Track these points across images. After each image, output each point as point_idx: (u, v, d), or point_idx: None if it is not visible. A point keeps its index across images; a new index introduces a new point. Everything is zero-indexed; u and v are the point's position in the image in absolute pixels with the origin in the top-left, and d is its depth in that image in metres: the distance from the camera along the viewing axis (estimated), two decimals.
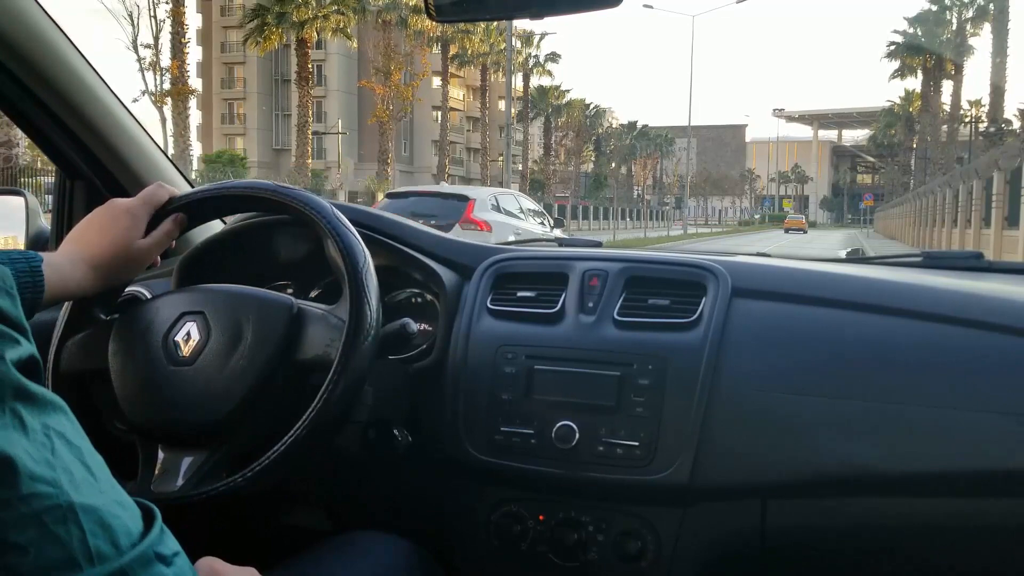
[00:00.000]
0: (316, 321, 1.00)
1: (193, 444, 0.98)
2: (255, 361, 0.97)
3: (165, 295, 1.08)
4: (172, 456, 0.99)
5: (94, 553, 0.40)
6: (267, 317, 0.99)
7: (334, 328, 0.98)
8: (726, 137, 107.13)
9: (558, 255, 1.29)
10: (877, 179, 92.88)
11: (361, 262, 0.99)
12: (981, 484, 1.01)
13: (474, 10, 1.19)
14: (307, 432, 0.92)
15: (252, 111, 54.75)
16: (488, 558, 1.22)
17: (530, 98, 52.43)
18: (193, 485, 0.95)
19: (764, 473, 1.06)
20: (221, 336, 0.99)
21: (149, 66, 29.26)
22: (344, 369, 0.93)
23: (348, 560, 1.00)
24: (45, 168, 18.51)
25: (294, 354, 0.99)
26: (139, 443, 1.01)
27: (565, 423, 1.12)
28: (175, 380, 0.98)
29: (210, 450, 0.98)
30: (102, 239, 0.97)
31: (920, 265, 1.42)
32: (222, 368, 0.97)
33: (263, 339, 0.98)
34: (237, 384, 0.96)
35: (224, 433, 0.98)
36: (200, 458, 0.97)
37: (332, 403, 0.93)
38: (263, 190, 1.06)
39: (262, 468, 0.92)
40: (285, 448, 0.92)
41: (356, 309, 0.96)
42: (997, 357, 1.01)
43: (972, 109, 50.00)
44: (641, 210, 52.66)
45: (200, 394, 0.97)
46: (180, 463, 0.98)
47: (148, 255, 1.01)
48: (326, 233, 1.01)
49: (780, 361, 1.08)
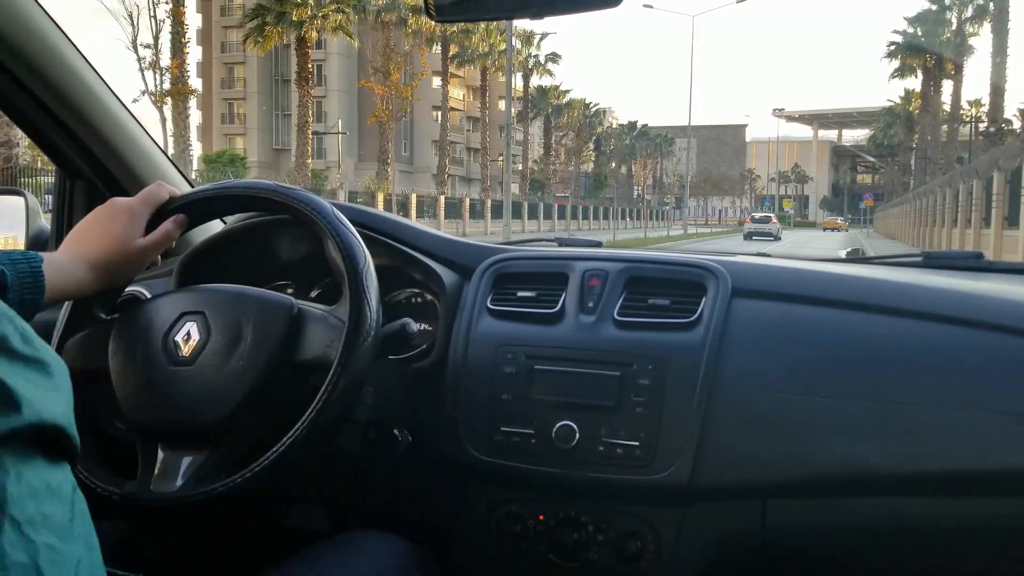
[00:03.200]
0: (316, 321, 1.00)
1: (193, 444, 0.98)
2: (255, 361, 0.97)
3: (165, 295, 1.07)
4: (172, 456, 0.99)
5: None
6: (267, 317, 0.99)
7: (334, 328, 0.98)
8: (726, 137, 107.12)
9: (558, 255, 1.29)
10: (877, 179, 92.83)
11: (361, 262, 0.99)
12: (981, 484, 1.01)
13: (474, 10, 1.19)
14: (307, 432, 0.92)
15: (252, 111, 54.73)
16: (488, 558, 1.22)
17: (530, 98, 52.46)
18: (193, 485, 0.95)
19: (764, 473, 1.06)
20: (221, 336, 0.99)
21: (149, 66, 29.25)
22: (344, 369, 0.93)
23: (348, 560, 1.00)
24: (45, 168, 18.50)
25: (294, 354, 0.99)
26: (139, 443, 1.01)
27: (565, 423, 1.12)
28: (175, 380, 0.98)
29: (210, 450, 0.98)
30: (102, 238, 0.97)
31: (920, 265, 1.42)
32: (222, 368, 0.97)
33: (263, 339, 0.98)
34: (237, 384, 0.96)
35: (224, 433, 0.98)
36: (200, 458, 0.97)
37: (332, 403, 0.93)
38: (263, 190, 1.06)
39: (261, 468, 0.92)
40: (284, 448, 0.92)
41: (356, 309, 0.96)
42: (997, 357, 1.01)
43: (972, 109, 50.04)
44: (641, 210, 52.73)
45: (200, 394, 0.97)
46: (180, 463, 0.98)
47: (148, 254, 1.01)
48: (326, 233, 1.00)
49: (780, 361, 1.08)
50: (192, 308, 1.02)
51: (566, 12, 1.09)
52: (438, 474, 1.24)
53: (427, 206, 33.04)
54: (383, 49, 35.54)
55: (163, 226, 1.01)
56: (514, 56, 43.13)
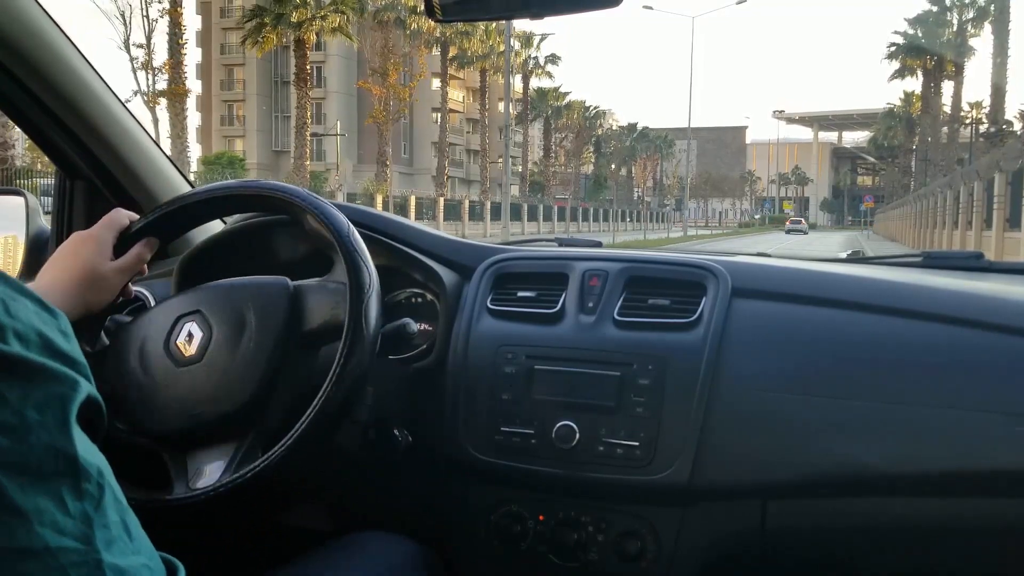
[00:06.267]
0: (315, 291, 1.01)
1: (222, 437, 0.98)
2: (264, 343, 0.98)
3: (156, 307, 1.08)
4: (205, 454, 0.98)
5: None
6: (266, 299, 1.00)
7: (335, 292, 0.99)
8: (726, 139, 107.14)
9: (558, 255, 1.29)
10: (877, 181, 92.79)
11: (344, 227, 1.00)
12: (981, 484, 1.01)
13: (474, 10, 1.19)
14: (338, 383, 0.92)
15: (252, 113, 54.67)
16: (488, 558, 1.22)
17: (530, 100, 52.44)
18: (230, 476, 0.94)
19: (764, 473, 1.06)
20: (224, 328, 0.99)
21: (142, 66, 29.01)
22: (356, 327, 0.94)
23: (354, 561, 1.01)
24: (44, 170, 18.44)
25: (302, 326, 1.00)
26: (166, 452, 1.00)
27: (565, 423, 1.11)
28: (187, 380, 0.98)
29: (239, 438, 0.97)
30: (73, 263, 1.00)
31: (920, 265, 1.42)
32: (233, 356, 0.98)
33: (267, 320, 0.99)
34: (252, 368, 0.97)
35: (250, 417, 0.98)
36: (230, 448, 0.97)
37: (358, 354, 0.93)
38: (229, 189, 1.08)
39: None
40: (300, 433, 0.91)
41: (353, 268, 0.96)
42: (997, 357, 1.01)
43: (973, 111, 50.00)
44: (641, 212, 52.71)
45: (217, 385, 0.97)
46: (215, 459, 0.97)
47: (119, 276, 1.02)
48: (303, 210, 1.02)
49: (780, 361, 1.08)
50: (187, 310, 1.02)
51: (566, 12, 1.10)
52: (438, 474, 1.24)
53: (426, 208, 33.01)
54: (380, 50, 35.47)
55: (133, 249, 1.03)
56: (513, 58, 43.09)
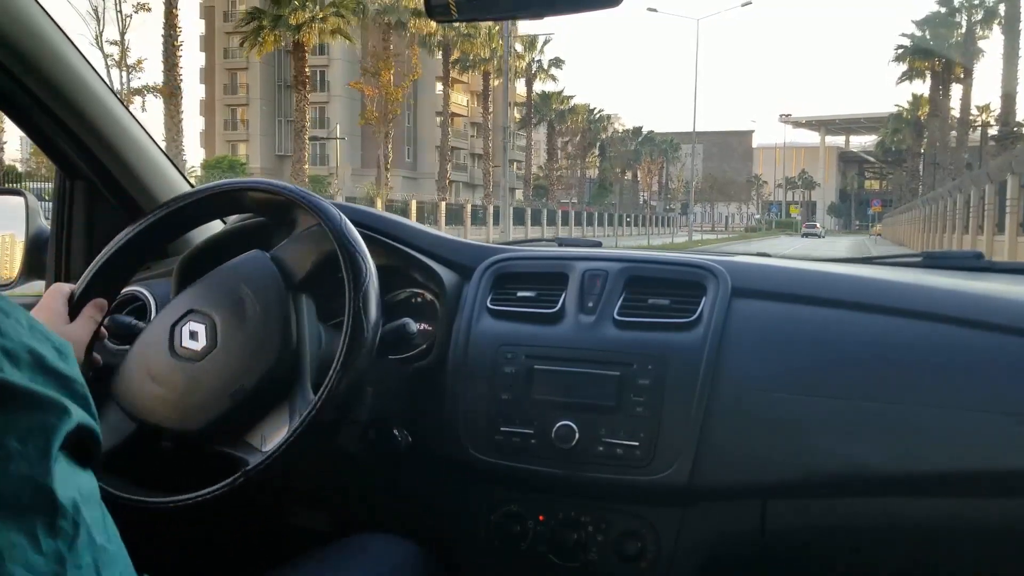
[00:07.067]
0: (291, 243, 1.04)
1: (272, 397, 0.98)
2: (269, 304, 1.00)
3: (140, 335, 1.07)
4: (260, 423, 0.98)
5: None
6: (251, 269, 1.03)
7: (310, 236, 1.02)
8: (732, 143, 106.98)
9: (558, 255, 1.29)
10: (885, 185, 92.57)
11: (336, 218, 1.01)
12: (981, 484, 1.00)
13: (475, 10, 1.19)
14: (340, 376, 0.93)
15: (255, 117, 54.74)
16: (488, 558, 1.22)
17: (534, 103, 52.46)
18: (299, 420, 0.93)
19: (764, 473, 1.06)
20: (222, 310, 1.00)
21: (115, 63, 28.40)
22: (357, 317, 0.95)
23: (354, 563, 1.01)
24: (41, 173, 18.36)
25: (296, 276, 1.02)
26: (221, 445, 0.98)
27: (565, 423, 1.11)
28: (213, 367, 0.98)
29: (289, 391, 0.97)
30: None
31: (920, 265, 1.42)
32: (245, 328, 0.99)
33: (261, 283, 1.00)
34: (269, 327, 0.99)
35: (289, 365, 0.98)
36: (283, 406, 0.97)
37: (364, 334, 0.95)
38: (207, 191, 1.10)
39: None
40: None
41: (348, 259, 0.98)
42: (997, 357, 1.01)
43: (981, 114, 49.81)
44: (646, 216, 52.62)
45: (243, 356, 0.98)
46: (271, 424, 0.97)
47: (78, 336, 1.01)
48: (291, 204, 1.04)
49: (780, 361, 1.08)
50: (177, 315, 1.02)
51: (566, 12, 1.10)
52: (438, 474, 1.24)
53: (428, 212, 32.93)
54: (372, 50, 35.29)
55: (84, 311, 1.03)
56: (517, 61, 43.01)
